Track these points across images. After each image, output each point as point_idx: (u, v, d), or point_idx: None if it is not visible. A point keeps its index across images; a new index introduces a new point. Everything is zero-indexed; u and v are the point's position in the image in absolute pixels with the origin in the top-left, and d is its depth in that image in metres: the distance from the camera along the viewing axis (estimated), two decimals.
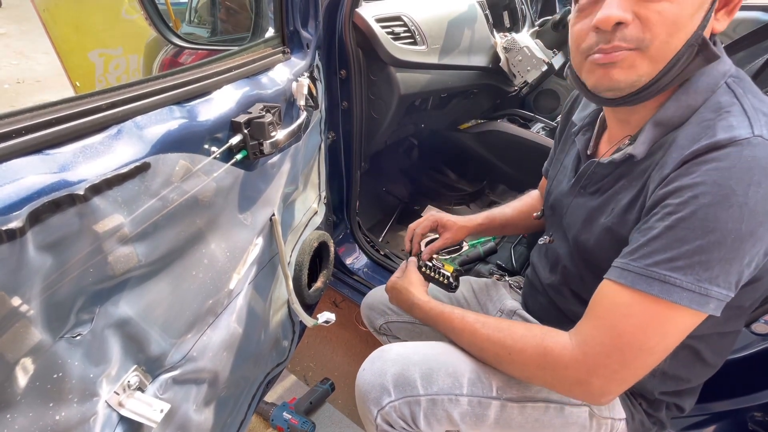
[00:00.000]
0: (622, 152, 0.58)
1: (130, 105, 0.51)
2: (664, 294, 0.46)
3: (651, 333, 0.48)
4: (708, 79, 0.52)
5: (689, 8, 0.48)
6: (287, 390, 1.37)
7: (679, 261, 0.45)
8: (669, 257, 0.46)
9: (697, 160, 0.46)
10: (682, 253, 0.45)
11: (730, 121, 0.47)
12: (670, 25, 0.49)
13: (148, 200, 0.51)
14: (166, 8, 1.82)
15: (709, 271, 0.45)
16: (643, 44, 0.50)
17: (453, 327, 0.68)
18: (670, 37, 0.49)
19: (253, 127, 0.65)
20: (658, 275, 0.46)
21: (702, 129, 0.49)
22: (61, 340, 0.46)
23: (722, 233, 0.44)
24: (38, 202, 0.39)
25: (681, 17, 0.49)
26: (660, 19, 0.49)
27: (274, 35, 0.82)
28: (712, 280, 0.45)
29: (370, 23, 1.14)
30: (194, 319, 0.67)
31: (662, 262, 0.46)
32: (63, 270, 0.43)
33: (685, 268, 0.45)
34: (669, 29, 0.49)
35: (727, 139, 0.45)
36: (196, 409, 0.71)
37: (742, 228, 0.43)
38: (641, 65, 0.51)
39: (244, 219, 0.75)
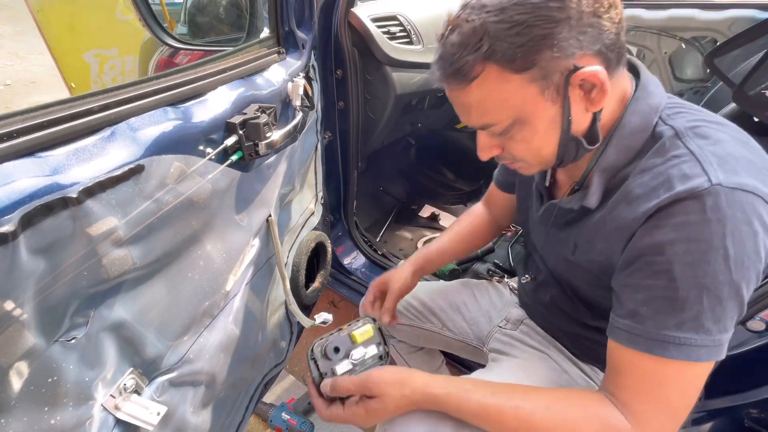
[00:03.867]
0: (576, 203, 0.58)
1: (124, 107, 0.51)
2: (685, 356, 0.46)
3: (690, 389, 0.49)
4: (640, 119, 0.52)
5: (538, 134, 0.51)
6: (285, 391, 1.37)
7: (688, 323, 0.46)
8: (677, 321, 0.46)
9: (662, 214, 0.46)
10: (689, 316, 0.46)
11: (683, 170, 0.46)
12: (529, 151, 0.54)
13: (143, 203, 0.51)
14: (161, 9, 1.81)
15: (718, 324, 0.46)
16: (518, 161, 0.56)
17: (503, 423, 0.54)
18: (536, 153, 0.54)
19: (248, 128, 0.65)
20: (673, 338, 0.46)
21: (655, 177, 0.48)
22: (56, 343, 0.46)
23: (717, 288, 0.44)
24: (30, 206, 0.39)
25: (534, 144, 0.53)
26: (519, 147, 0.54)
27: (269, 35, 0.82)
28: (722, 330, 0.46)
29: (366, 23, 1.13)
30: (191, 321, 0.67)
31: (672, 327, 0.46)
32: (56, 273, 0.43)
33: (696, 327, 0.46)
34: (531, 151, 0.54)
35: (686, 191, 0.45)
36: (193, 411, 0.71)
37: (734, 278, 0.44)
38: (532, 168, 0.58)
39: (240, 220, 0.74)
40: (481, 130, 0.55)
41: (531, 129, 0.51)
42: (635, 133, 0.52)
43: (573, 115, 0.49)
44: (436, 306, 0.93)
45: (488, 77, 0.47)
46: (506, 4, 0.44)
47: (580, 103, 0.49)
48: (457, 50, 0.47)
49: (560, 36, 0.44)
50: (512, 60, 0.45)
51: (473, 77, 0.48)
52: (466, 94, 0.50)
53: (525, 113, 0.49)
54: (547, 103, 0.48)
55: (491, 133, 0.53)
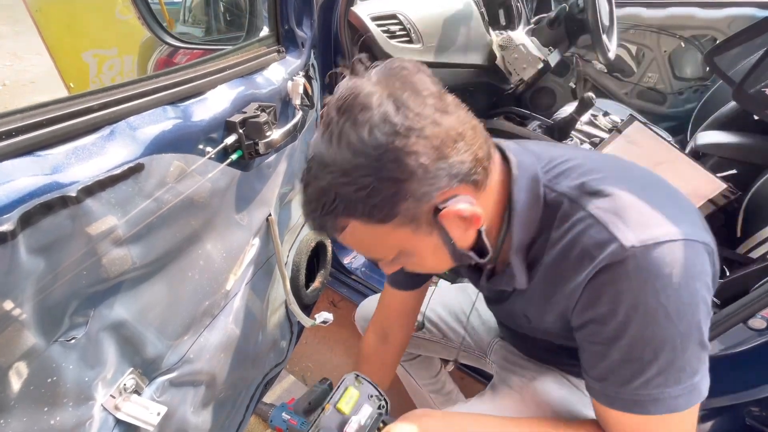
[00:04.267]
0: (507, 285, 0.57)
1: (123, 105, 0.51)
2: (664, 410, 0.46)
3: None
4: (527, 194, 0.51)
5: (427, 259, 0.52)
6: (286, 391, 1.37)
7: (654, 380, 0.45)
8: (643, 381, 0.46)
9: (592, 286, 0.46)
10: (652, 374, 0.45)
11: (594, 237, 0.46)
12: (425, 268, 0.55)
13: (142, 202, 0.51)
14: (160, 8, 1.80)
15: (684, 371, 0.45)
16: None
17: None
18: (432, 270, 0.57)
19: (248, 126, 0.65)
20: (646, 396, 0.46)
21: (570, 249, 0.48)
22: (55, 343, 0.45)
23: (669, 343, 0.44)
24: (30, 205, 0.39)
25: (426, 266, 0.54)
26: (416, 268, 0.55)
27: (269, 34, 0.81)
28: (692, 375, 0.46)
29: (366, 21, 1.13)
30: (191, 321, 0.66)
31: (640, 387, 0.46)
32: (56, 273, 0.43)
33: (664, 381, 0.45)
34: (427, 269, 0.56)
35: (605, 259, 0.44)
36: (193, 411, 0.71)
37: (680, 329, 0.44)
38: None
39: (240, 219, 0.74)
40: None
41: (418, 256, 0.51)
42: (530, 208, 0.51)
43: (454, 237, 0.48)
44: (435, 316, 0.92)
45: (354, 229, 0.47)
46: (348, 167, 0.42)
47: (458, 226, 0.47)
48: (314, 209, 0.46)
49: (411, 189, 0.43)
50: (371, 216, 0.44)
51: (340, 229, 0.47)
52: (343, 239, 0.49)
53: (406, 248, 0.49)
54: (423, 236, 0.47)
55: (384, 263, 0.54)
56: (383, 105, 0.41)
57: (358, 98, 0.42)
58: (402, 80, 0.43)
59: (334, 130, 0.42)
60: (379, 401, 0.61)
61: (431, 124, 0.42)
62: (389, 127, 0.41)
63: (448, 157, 0.43)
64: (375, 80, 0.43)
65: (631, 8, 1.88)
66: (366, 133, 0.41)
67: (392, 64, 0.45)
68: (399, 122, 0.41)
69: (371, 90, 0.42)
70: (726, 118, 1.35)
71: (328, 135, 0.43)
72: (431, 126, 0.42)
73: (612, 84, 2.03)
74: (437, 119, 0.42)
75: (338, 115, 0.42)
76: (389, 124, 0.41)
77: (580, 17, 1.46)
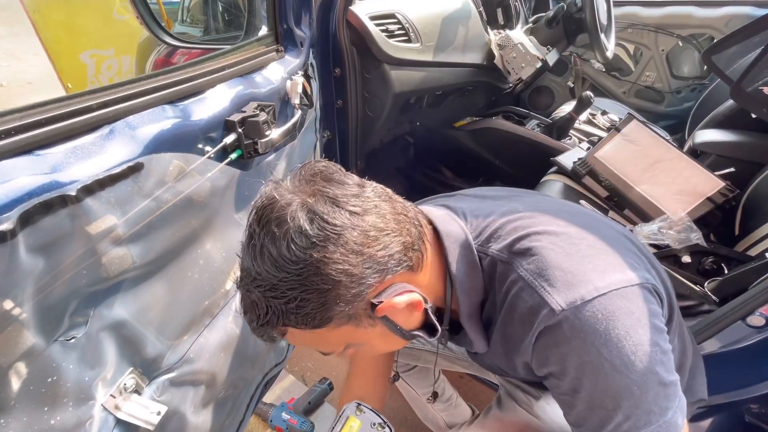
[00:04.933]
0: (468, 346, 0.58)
1: (122, 104, 0.50)
2: None
3: None
4: (464, 264, 0.51)
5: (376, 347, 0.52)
6: (285, 390, 1.36)
7: (624, 424, 0.45)
8: (614, 426, 0.45)
9: (537, 348, 0.47)
10: (621, 420, 0.45)
11: (526, 300, 0.46)
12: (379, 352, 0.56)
13: (142, 201, 0.51)
14: (158, 8, 1.80)
15: (651, 412, 0.45)
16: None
17: None
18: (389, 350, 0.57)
19: (247, 126, 0.65)
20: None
21: (511, 310, 0.48)
22: (55, 343, 0.45)
23: (627, 392, 0.43)
24: (29, 204, 0.39)
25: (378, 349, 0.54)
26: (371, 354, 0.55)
27: (268, 33, 0.81)
28: (663, 412, 0.45)
29: (364, 21, 1.13)
30: (191, 321, 0.66)
31: (614, 431, 0.45)
32: (56, 272, 0.43)
33: (635, 424, 0.45)
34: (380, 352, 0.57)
35: (541, 323, 0.45)
36: (193, 410, 0.71)
37: (634, 377, 0.43)
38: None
39: (240, 219, 0.74)
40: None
41: (368, 345, 0.50)
42: (469, 276, 0.51)
43: (400, 322, 0.48)
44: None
45: (294, 334, 0.46)
46: (274, 281, 0.42)
47: (402, 312, 0.47)
48: (251, 319, 0.46)
49: (339, 295, 0.42)
50: (306, 324, 0.44)
51: (282, 334, 0.47)
52: (289, 339, 0.48)
53: (353, 341, 0.49)
54: (367, 329, 0.47)
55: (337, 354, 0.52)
56: (297, 218, 0.41)
57: (274, 211, 0.42)
58: (317, 185, 0.43)
59: (256, 244, 0.42)
60: (383, 429, 0.61)
61: (348, 229, 0.42)
62: (305, 241, 0.41)
63: (372, 256, 0.43)
64: (291, 188, 0.43)
65: (629, 7, 1.89)
66: (285, 249, 0.41)
67: (307, 168, 0.45)
68: (314, 234, 0.41)
69: (287, 200, 0.42)
70: (724, 116, 1.35)
71: (251, 249, 0.43)
72: (348, 231, 0.41)
73: (610, 83, 2.03)
74: (354, 222, 0.42)
75: (259, 228, 0.42)
76: (305, 237, 0.41)
77: (578, 16, 1.46)
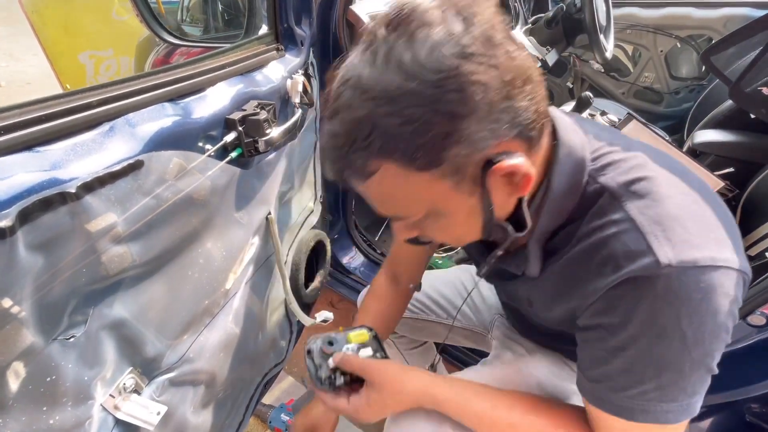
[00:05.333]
0: (518, 269, 0.54)
1: (122, 102, 0.50)
2: (653, 420, 0.45)
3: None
4: (568, 180, 0.45)
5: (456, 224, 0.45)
6: (285, 392, 1.36)
7: (651, 393, 0.44)
8: (640, 392, 0.44)
9: (611, 294, 0.42)
10: (650, 388, 0.44)
11: (627, 244, 0.41)
12: (450, 237, 0.50)
13: (142, 199, 0.50)
14: (157, 8, 1.80)
15: (684, 392, 0.43)
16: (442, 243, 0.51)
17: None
18: (458, 240, 0.50)
19: (247, 124, 0.65)
20: (638, 405, 0.45)
21: (598, 249, 0.43)
22: (54, 342, 0.45)
23: (677, 366, 0.42)
24: (28, 201, 0.38)
25: (453, 234, 0.48)
26: (438, 235, 0.49)
27: (268, 32, 0.81)
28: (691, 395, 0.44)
29: (365, 20, 1.13)
30: (190, 320, 0.66)
31: (635, 396, 0.44)
32: (55, 270, 0.42)
33: (660, 397, 0.44)
34: (451, 238, 0.50)
35: (634, 272, 0.40)
36: (193, 411, 0.70)
37: (693, 355, 0.41)
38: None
39: (240, 218, 0.74)
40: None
41: (448, 219, 0.44)
42: (566, 196, 0.46)
43: (495, 202, 0.42)
44: (438, 294, 0.92)
45: (386, 175, 0.39)
46: (395, 94, 0.34)
47: (503, 189, 0.42)
48: (343, 142, 0.38)
49: (468, 131, 0.36)
50: (413, 159, 0.37)
51: (368, 174, 0.40)
52: (366, 189, 0.42)
53: (438, 206, 0.43)
54: (462, 195, 0.41)
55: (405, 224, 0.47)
56: (449, 21, 0.34)
57: (416, 12, 0.34)
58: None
59: (380, 49, 0.35)
60: (383, 357, 0.63)
61: (504, 53, 0.35)
62: (456, 48, 0.33)
63: (514, 99, 0.36)
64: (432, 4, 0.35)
65: (628, 8, 1.89)
66: (425, 53, 0.33)
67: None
68: (468, 43, 0.33)
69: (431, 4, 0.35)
70: (723, 116, 1.35)
71: (371, 54, 0.35)
72: (504, 56, 0.35)
73: (609, 83, 2.04)
74: (510, 51, 0.35)
75: (388, 32, 0.35)
76: (456, 43, 0.33)
77: (577, 17, 1.46)
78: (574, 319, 0.51)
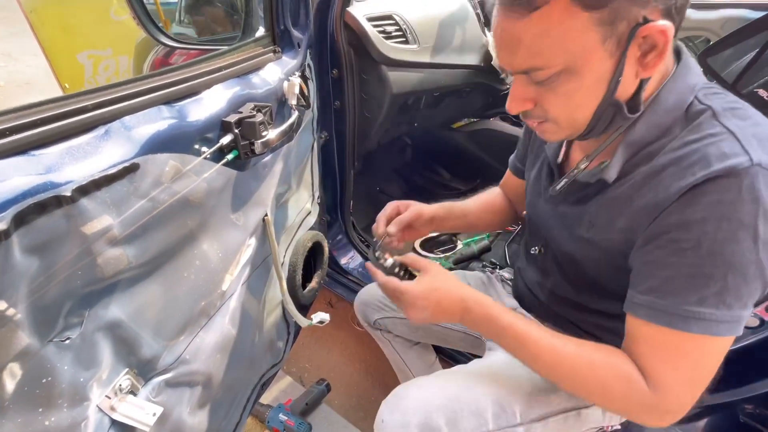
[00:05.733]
0: (593, 175, 0.57)
1: (118, 105, 0.50)
2: (705, 331, 0.47)
3: (709, 363, 0.50)
4: (676, 97, 0.51)
5: (583, 89, 0.48)
6: (283, 391, 1.36)
7: (710, 298, 0.46)
8: (699, 297, 0.47)
9: (695, 191, 0.46)
10: (712, 292, 0.46)
11: (722, 148, 0.45)
12: (567, 108, 0.51)
13: (138, 201, 0.51)
14: (156, 8, 1.80)
15: (740, 301, 0.46)
16: (550, 120, 0.53)
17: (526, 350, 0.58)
18: (573, 112, 0.51)
19: (243, 126, 0.65)
20: (694, 313, 0.47)
21: (690, 155, 0.47)
22: (50, 344, 0.45)
23: (743, 267, 0.44)
24: (23, 204, 0.38)
25: (575, 100, 0.50)
26: (557, 102, 0.51)
27: (265, 34, 0.81)
28: (743, 307, 0.47)
29: (362, 22, 1.13)
30: (187, 321, 0.66)
31: (693, 303, 0.47)
32: (50, 273, 0.43)
33: (718, 303, 0.46)
34: (567, 111, 0.51)
35: (724, 169, 0.44)
36: (189, 411, 0.70)
37: (761, 258, 0.44)
38: (560, 131, 0.55)
39: (237, 219, 0.74)
40: (522, 74, 0.50)
41: (578, 82, 0.48)
42: (668, 111, 0.51)
43: (623, 76, 0.47)
44: None
45: (554, 8, 0.43)
46: None
47: (633, 65, 0.47)
48: None
49: None
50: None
51: (538, 5, 0.44)
52: (523, 26, 0.45)
53: (578, 61, 0.46)
54: (604, 54, 0.45)
55: (532, 80, 0.50)
56: None
57: None
58: None
59: None
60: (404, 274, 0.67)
61: None
62: None
63: None
64: None
65: None
66: None
67: None
68: None
69: None
70: None
71: None
72: None
73: None
74: None
75: None
76: None
77: None
78: (632, 240, 0.52)
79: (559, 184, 0.63)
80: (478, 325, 0.61)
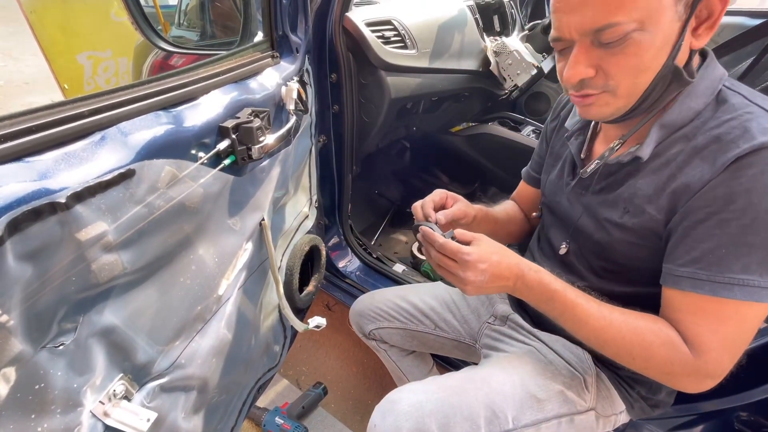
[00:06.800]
0: (628, 153, 0.60)
1: (114, 111, 0.50)
2: (748, 297, 0.49)
3: (748, 327, 0.52)
4: (708, 83, 0.55)
5: (653, 49, 0.50)
6: (279, 394, 1.36)
7: (753, 265, 0.49)
8: (743, 264, 0.49)
9: (740, 164, 0.48)
10: (755, 260, 0.48)
11: (763, 123, 0.49)
12: (633, 71, 0.52)
13: (133, 207, 0.51)
14: (155, 11, 1.80)
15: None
16: (609, 88, 0.54)
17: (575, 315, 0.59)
18: (635, 78, 0.53)
19: (241, 132, 0.65)
20: (738, 280, 0.49)
21: (731, 131, 0.50)
22: (43, 350, 0.45)
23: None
24: (17, 211, 0.39)
25: (644, 61, 0.51)
26: (622, 69, 0.52)
27: (263, 39, 0.82)
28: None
29: (360, 27, 1.14)
30: (182, 326, 0.66)
31: (737, 270, 0.49)
32: (44, 279, 0.43)
33: (761, 270, 0.48)
34: (632, 74, 0.52)
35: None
36: (184, 416, 0.70)
37: None
38: (614, 102, 0.56)
39: (233, 224, 0.74)
40: (587, 38, 0.52)
41: (648, 42, 0.49)
42: (701, 95, 0.54)
43: (686, 41, 0.51)
44: (426, 306, 0.93)
45: None
46: None
47: (692, 32, 0.51)
48: None
49: None
50: None
51: None
52: None
53: (653, 19, 0.48)
54: (674, 16, 0.48)
55: (601, 41, 0.50)
56: None
57: None
58: None
59: None
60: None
61: None
62: None
63: None
64: None
65: None
66: None
67: None
68: None
69: None
70: None
71: None
72: None
73: None
74: None
75: None
76: None
77: None
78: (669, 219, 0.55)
79: (590, 166, 0.66)
80: (530, 290, 0.61)
